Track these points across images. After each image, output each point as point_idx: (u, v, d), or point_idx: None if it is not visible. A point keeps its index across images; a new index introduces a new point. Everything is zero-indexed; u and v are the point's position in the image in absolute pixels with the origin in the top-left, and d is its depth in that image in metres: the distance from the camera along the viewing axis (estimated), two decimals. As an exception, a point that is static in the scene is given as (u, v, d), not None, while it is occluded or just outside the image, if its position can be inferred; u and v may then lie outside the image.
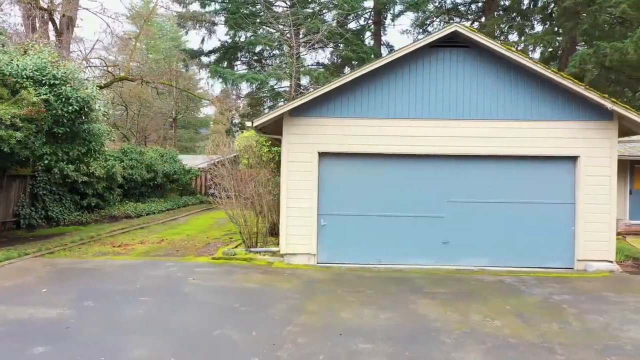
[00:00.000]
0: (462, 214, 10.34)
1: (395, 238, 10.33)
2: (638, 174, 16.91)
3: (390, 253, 10.30)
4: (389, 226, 10.36)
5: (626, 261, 10.74)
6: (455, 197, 10.35)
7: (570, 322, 6.44)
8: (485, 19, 30.18)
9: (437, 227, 10.34)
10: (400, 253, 10.30)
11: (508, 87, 10.25)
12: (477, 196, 10.36)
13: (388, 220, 10.38)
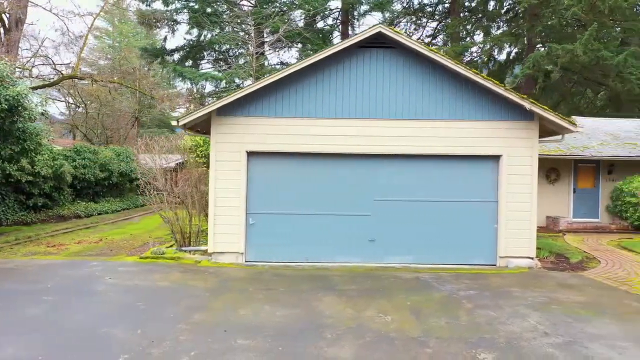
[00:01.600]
0: (389, 213, 10.50)
1: (323, 236, 10.45)
2: (582, 173, 17.29)
3: (318, 251, 10.42)
4: (316, 225, 10.47)
5: (548, 257, 11.00)
6: (381, 195, 10.50)
7: (460, 317, 6.61)
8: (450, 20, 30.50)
9: (363, 225, 10.48)
10: (328, 251, 10.42)
11: (433, 88, 10.42)
12: (404, 195, 10.52)
13: (316, 219, 10.49)
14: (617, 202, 16.19)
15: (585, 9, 22.04)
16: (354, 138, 10.34)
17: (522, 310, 6.95)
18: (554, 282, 8.86)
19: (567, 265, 10.45)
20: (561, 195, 17.21)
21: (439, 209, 10.51)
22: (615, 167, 17.12)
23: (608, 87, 25.30)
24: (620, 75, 22.89)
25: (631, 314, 6.85)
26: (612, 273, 9.68)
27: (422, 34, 35.28)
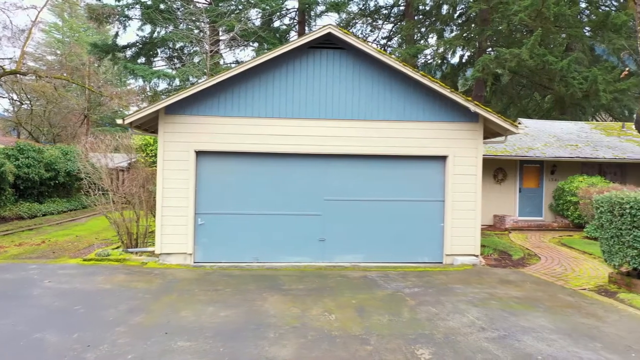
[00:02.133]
0: (339, 212, 10.59)
1: (273, 236, 10.44)
2: (527, 173, 17.92)
3: (268, 251, 10.39)
4: (267, 224, 10.45)
5: (492, 255, 11.37)
6: (332, 195, 10.58)
7: (402, 314, 6.74)
8: (405, 23, 31.01)
9: (314, 225, 10.53)
10: (278, 251, 10.41)
11: (383, 89, 10.58)
12: (354, 194, 10.64)
13: (266, 219, 10.46)
14: (559, 201, 16.88)
15: (532, 16, 22.88)
16: (304, 138, 10.37)
17: (462, 306, 7.15)
18: (495, 278, 9.16)
19: (510, 262, 10.82)
20: (507, 194, 17.81)
21: (388, 209, 10.68)
22: (557, 168, 17.86)
23: (553, 91, 26.33)
24: (564, 79, 23.89)
25: (563, 308, 7.17)
26: (550, 269, 10.10)
27: (378, 36, 35.82)
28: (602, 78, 23.33)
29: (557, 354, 5.33)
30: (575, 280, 9.06)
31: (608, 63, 27.01)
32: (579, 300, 7.62)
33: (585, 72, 23.92)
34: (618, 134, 20.08)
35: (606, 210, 8.14)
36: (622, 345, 5.65)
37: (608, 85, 23.63)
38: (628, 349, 5.52)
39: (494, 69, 24.25)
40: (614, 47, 25.49)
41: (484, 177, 17.49)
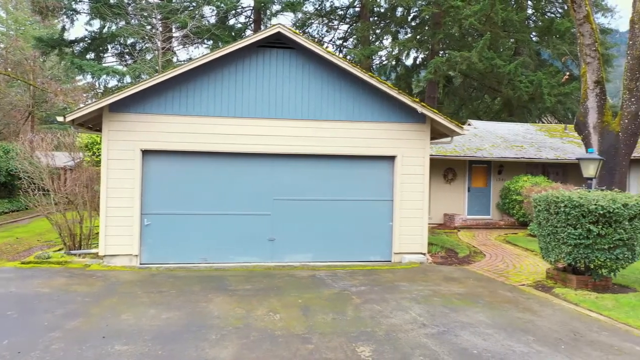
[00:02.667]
0: (289, 212, 10.58)
1: (222, 236, 10.33)
2: (476, 173, 18.43)
3: (217, 252, 10.28)
4: (216, 225, 10.33)
5: (439, 253, 11.65)
6: (282, 195, 10.56)
7: (347, 313, 6.81)
8: (360, 24, 31.31)
9: (263, 224, 10.49)
10: (227, 251, 10.31)
11: (332, 89, 10.65)
12: (304, 194, 10.66)
13: (215, 219, 10.34)
14: (505, 200, 17.47)
15: (482, 20, 23.59)
16: (254, 137, 10.31)
17: (406, 304, 7.29)
18: (440, 275, 9.38)
19: (456, 259, 11.12)
20: (457, 194, 18.28)
21: (338, 208, 10.76)
22: (504, 168, 18.47)
23: (501, 94, 27.21)
24: (511, 82, 24.73)
25: (501, 303, 7.42)
26: (494, 266, 10.44)
27: (334, 37, 35.98)
28: (547, 82, 24.31)
29: (492, 348, 5.51)
30: (515, 277, 9.40)
31: (553, 67, 28.18)
32: (517, 296, 7.91)
33: (531, 76, 24.86)
34: (561, 136, 20.96)
35: (543, 209, 8.48)
36: (553, 337, 5.90)
37: (552, 89, 24.65)
38: (558, 341, 5.77)
39: (446, 71, 24.84)
40: (558, 52, 26.61)
41: (435, 177, 17.92)
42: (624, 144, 14.17)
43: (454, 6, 23.39)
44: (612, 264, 7.86)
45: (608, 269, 8.03)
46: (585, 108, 14.61)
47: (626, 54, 14.36)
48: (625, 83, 14.25)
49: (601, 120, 14.28)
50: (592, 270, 8.19)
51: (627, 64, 14.20)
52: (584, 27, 14.08)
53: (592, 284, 8.23)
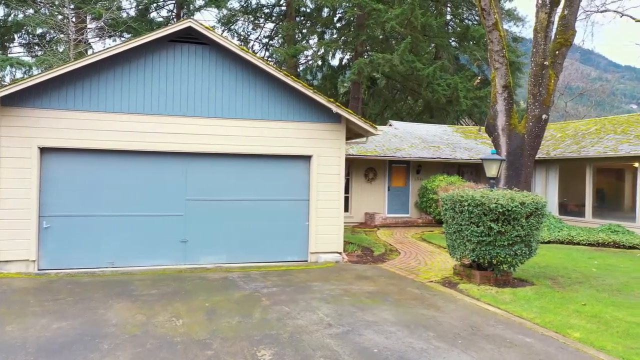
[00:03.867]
0: (203, 212, 10.27)
1: (131, 239, 9.84)
2: (396, 172, 18.88)
3: (125, 255, 9.78)
4: (124, 227, 9.82)
5: (356, 251, 11.78)
6: (195, 195, 10.23)
7: (254, 315, 6.66)
8: (286, 23, 31.21)
9: (175, 226, 10.11)
10: (136, 255, 9.83)
11: (247, 87, 10.45)
12: (218, 194, 10.39)
13: (124, 220, 9.82)
14: (423, 198, 18.04)
15: (403, 24, 24.23)
16: (165, 135, 9.91)
17: (315, 304, 7.26)
18: (353, 274, 9.47)
19: (371, 258, 11.28)
20: (378, 193, 18.65)
21: (254, 208, 10.58)
22: (422, 168, 19.08)
23: (422, 96, 28.13)
24: (430, 85, 25.61)
25: (408, 300, 7.58)
26: (406, 263, 10.70)
27: (260, 35, 35.64)
28: (463, 85, 25.40)
29: (392, 346, 5.58)
30: (425, 274, 9.67)
31: (469, 71, 29.53)
32: (424, 293, 8.12)
33: (449, 79, 25.87)
34: (475, 137, 21.97)
35: (449, 207, 8.78)
36: (452, 333, 6.08)
37: (468, 92, 25.79)
38: (456, 337, 5.95)
39: (370, 73, 25.30)
40: (475, 58, 27.91)
41: (356, 176, 18.19)
42: (529, 145, 15.04)
43: (376, 9, 23.87)
44: (511, 259, 8.27)
45: (508, 265, 8.45)
46: (495, 111, 15.36)
47: (530, 61, 15.26)
48: (529, 88, 15.14)
49: (509, 122, 15.07)
50: (494, 266, 8.58)
51: (531, 70, 15.09)
52: (493, 34, 14.79)
53: (494, 279, 8.62)
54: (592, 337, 5.94)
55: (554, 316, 6.78)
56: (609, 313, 6.94)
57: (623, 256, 12.04)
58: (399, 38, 28.97)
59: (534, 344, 5.75)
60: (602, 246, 13.54)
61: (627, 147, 15.40)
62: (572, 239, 14.01)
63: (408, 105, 36.05)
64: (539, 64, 14.67)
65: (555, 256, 11.64)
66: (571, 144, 18.12)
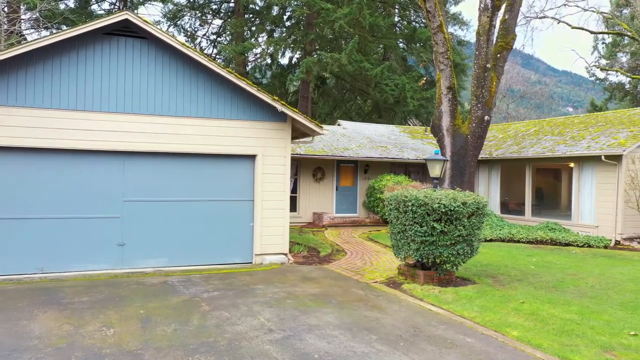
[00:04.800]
0: (142, 214, 9.82)
1: (63, 243, 9.26)
2: (344, 172, 18.87)
3: (56, 260, 9.19)
4: (54, 230, 9.22)
5: (302, 252, 11.63)
6: (133, 196, 9.76)
7: (192, 322, 6.37)
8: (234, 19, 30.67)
9: (112, 228, 9.60)
10: (68, 259, 9.27)
11: (189, 84, 10.08)
12: (158, 194, 9.96)
13: (53, 224, 9.23)
14: (370, 198, 18.13)
15: (351, 24, 24.29)
16: (100, 133, 9.39)
17: (257, 308, 7.05)
18: (298, 276, 9.30)
19: (317, 258, 11.16)
20: (326, 192, 18.59)
21: (197, 209, 10.23)
22: (370, 167, 19.18)
23: (370, 96, 28.36)
24: (378, 85, 25.84)
25: (352, 302, 7.49)
26: (352, 264, 10.64)
27: (208, 31, 34.92)
28: (410, 86, 25.77)
29: (333, 350, 5.45)
30: (370, 274, 9.64)
31: (416, 73, 30.03)
32: (369, 294, 8.07)
33: (396, 80, 26.18)
34: (421, 137, 22.32)
35: (394, 207, 8.77)
36: (395, 335, 6.02)
37: (415, 93, 26.20)
38: (398, 339, 5.90)
39: (319, 72, 25.24)
40: (421, 59, 28.39)
41: (305, 176, 18.05)
42: (472, 145, 15.39)
43: (325, 8, 23.83)
44: (454, 259, 8.35)
45: (451, 264, 8.53)
46: (440, 112, 15.61)
47: (473, 64, 15.61)
48: (472, 90, 15.48)
49: (453, 123, 15.35)
50: (437, 266, 8.64)
51: (474, 72, 15.43)
52: (438, 36, 15.02)
53: (438, 279, 8.69)
54: (529, 335, 6.04)
55: (494, 315, 6.87)
56: (545, 310, 7.10)
57: (559, 253, 12.49)
58: (347, 38, 29.09)
59: (474, 343, 5.77)
60: (540, 243, 14.02)
61: (563, 147, 16.04)
62: (512, 236, 14.43)
63: (357, 105, 36.30)
64: (482, 66, 15.03)
65: (496, 254, 11.92)
66: (512, 145, 18.71)
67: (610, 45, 37.61)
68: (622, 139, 14.71)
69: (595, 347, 5.68)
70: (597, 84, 41.01)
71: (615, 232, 14.23)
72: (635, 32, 30.82)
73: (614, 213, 14.31)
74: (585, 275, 9.75)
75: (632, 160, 14.14)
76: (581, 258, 11.78)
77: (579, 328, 6.32)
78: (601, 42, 38.66)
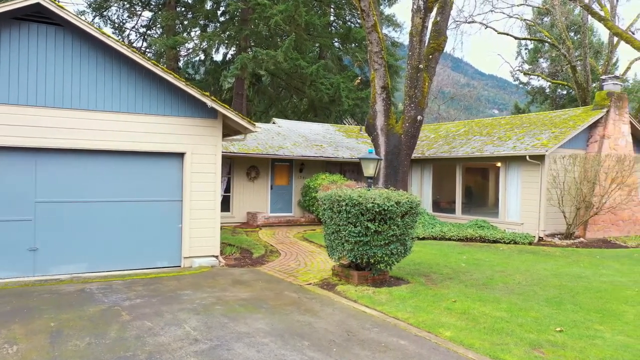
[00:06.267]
0: (58, 216, 9.04)
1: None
2: (279, 171, 18.55)
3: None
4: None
5: (234, 254, 11.22)
6: (47, 196, 8.96)
7: (109, 334, 5.85)
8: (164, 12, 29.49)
9: (22, 232, 8.76)
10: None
11: (110, 76, 9.40)
12: (77, 195, 9.22)
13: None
14: (306, 197, 17.92)
15: (287, 21, 23.99)
16: (6, 128, 8.53)
17: (183, 316, 6.61)
18: (229, 279, 8.91)
19: (249, 260, 10.79)
20: (261, 192, 18.20)
21: (121, 210, 9.56)
22: (305, 166, 18.98)
23: (306, 94, 28.19)
24: (314, 84, 25.71)
25: (285, 306, 7.22)
26: (286, 265, 10.37)
27: (137, 23, 33.41)
28: (345, 85, 25.84)
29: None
30: (304, 275, 9.40)
31: (351, 72, 30.18)
32: (302, 296, 7.82)
33: (332, 79, 26.17)
34: (356, 136, 22.41)
35: (327, 207, 8.58)
36: (327, 340, 5.81)
37: (350, 93, 26.30)
38: (331, 344, 5.69)
39: (254, 69, 24.74)
40: (356, 59, 28.57)
41: (238, 175, 17.58)
42: (405, 145, 15.55)
43: (260, 4, 23.37)
44: (388, 258, 8.27)
45: (385, 264, 8.45)
46: (375, 111, 15.66)
47: (407, 64, 15.78)
48: (406, 90, 15.65)
49: (387, 123, 15.44)
50: (371, 266, 8.54)
51: (407, 73, 15.60)
52: (372, 35, 15.05)
53: (372, 279, 8.59)
54: (462, 335, 6.02)
55: (427, 315, 6.83)
56: (476, 309, 7.16)
57: (488, 250, 12.85)
58: (283, 36, 28.76)
59: (408, 346, 5.67)
60: (470, 241, 14.38)
61: (491, 147, 16.58)
62: (444, 235, 14.72)
63: (293, 104, 36.05)
64: (415, 67, 15.21)
65: (429, 252, 12.06)
66: (443, 145, 19.15)
67: (532, 51, 39.70)
68: (544, 139, 15.39)
69: (524, 345, 5.74)
70: (520, 87, 43.24)
71: (539, 228, 14.87)
72: (555, 39, 32.63)
73: (538, 211, 14.95)
74: (513, 271, 10.03)
75: (554, 160, 14.82)
76: (508, 255, 12.17)
77: (509, 326, 6.39)
78: (524, 48, 40.76)
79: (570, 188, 14.66)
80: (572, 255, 12.31)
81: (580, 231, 15.24)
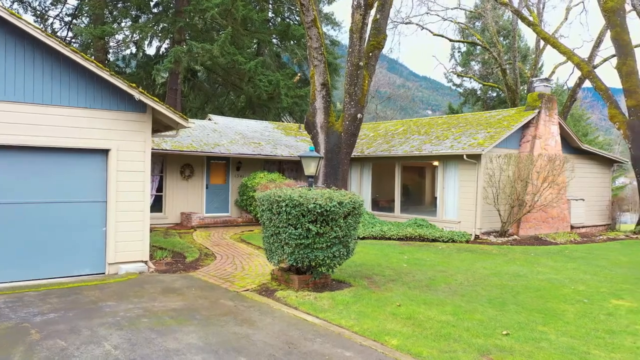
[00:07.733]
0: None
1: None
2: (214, 169, 17.79)
3: None
4: None
5: (165, 258, 10.45)
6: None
7: (12, 358, 5.05)
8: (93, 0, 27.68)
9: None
10: None
11: (22, 64, 8.40)
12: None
13: None
14: (243, 196, 17.27)
15: (223, 14, 23.15)
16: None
17: (103, 332, 5.89)
18: (159, 287, 8.19)
19: (182, 265, 10.07)
20: (195, 191, 17.37)
21: (36, 213, 8.57)
22: (243, 164, 18.32)
23: (244, 91, 27.42)
24: (252, 80, 25.01)
25: (220, 316, 6.65)
26: (222, 269, 9.75)
27: (62, 12, 31.22)
28: (284, 83, 25.34)
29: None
30: (241, 280, 8.84)
31: (290, 69, 29.72)
32: (239, 305, 7.27)
33: (270, 76, 25.58)
34: (295, 134, 21.98)
35: (266, 208, 8.08)
36: (267, 354, 5.32)
37: (289, 90, 25.83)
38: (271, 358, 5.20)
39: (189, 63, 23.70)
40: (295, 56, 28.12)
41: (171, 173, 16.67)
42: (345, 143, 15.30)
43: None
44: (330, 261, 7.88)
45: (327, 267, 8.04)
46: (314, 108, 15.29)
47: (347, 61, 15.53)
48: (346, 87, 15.39)
49: (327, 120, 15.12)
50: (313, 269, 8.12)
51: (347, 70, 15.35)
52: (312, 30, 14.65)
53: (313, 283, 8.18)
54: (409, 343, 5.72)
55: (372, 322, 6.49)
56: (421, 313, 6.91)
57: (428, 249, 12.81)
58: (219, 30, 27.80)
59: (353, 357, 5.29)
60: (410, 240, 14.33)
61: (429, 147, 16.67)
62: (384, 234, 14.57)
63: (230, 101, 35.06)
64: (355, 64, 14.98)
65: (369, 253, 11.82)
66: (382, 143, 19.11)
67: (465, 53, 40.94)
68: (480, 139, 15.64)
69: (472, 351, 5.51)
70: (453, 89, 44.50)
71: (475, 227, 15.08)
72: (486, 43, 33.73)
73: (474, 209, 15.15)
74: (454, 271, 9.95)
75: (489, 159, 15.07)
76: (448, 254, 12.16)
77: (455, 331, 6.17)
78: (457, 51, 41.97)
79: (505, 187, 14.97)
80: (508, 253, 12.50)
81: (514, 229, 15.61)
